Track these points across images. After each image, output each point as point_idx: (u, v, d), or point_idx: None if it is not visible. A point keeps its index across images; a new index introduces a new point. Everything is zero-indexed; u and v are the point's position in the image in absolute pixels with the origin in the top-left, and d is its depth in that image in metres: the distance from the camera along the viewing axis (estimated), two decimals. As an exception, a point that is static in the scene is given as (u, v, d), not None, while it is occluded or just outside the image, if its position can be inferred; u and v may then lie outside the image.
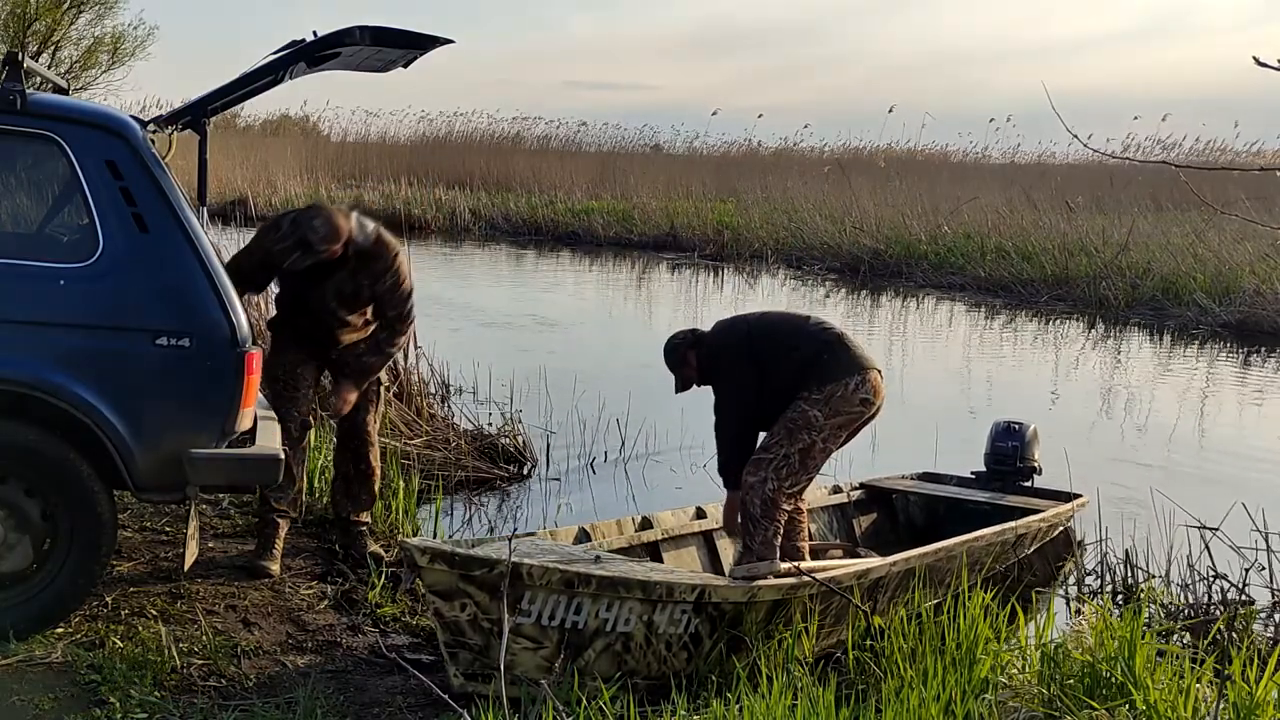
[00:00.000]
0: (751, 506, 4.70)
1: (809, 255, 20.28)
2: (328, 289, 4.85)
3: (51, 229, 4.53)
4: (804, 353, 4.82)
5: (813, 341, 4.87)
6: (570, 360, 10.29)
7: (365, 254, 4.82)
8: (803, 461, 4.72)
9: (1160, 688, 3.62)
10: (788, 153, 31.75)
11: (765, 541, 4.65)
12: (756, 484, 4.69)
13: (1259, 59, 2.77)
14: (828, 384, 4.73)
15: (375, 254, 4.85)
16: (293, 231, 4.67)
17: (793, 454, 4.70)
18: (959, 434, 7.75)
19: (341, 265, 4.80)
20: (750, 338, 4.93)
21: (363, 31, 4.35)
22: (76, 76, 31.10)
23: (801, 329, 4.96)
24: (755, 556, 4.57)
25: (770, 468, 4.69)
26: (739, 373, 4.85)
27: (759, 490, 4.68)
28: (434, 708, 3.73)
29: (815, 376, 4.75)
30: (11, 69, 4.00)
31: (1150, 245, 17.16)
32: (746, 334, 4.96)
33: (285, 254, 4.67)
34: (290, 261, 4.67)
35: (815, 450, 4.74)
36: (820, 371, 4.76)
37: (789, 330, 4.97)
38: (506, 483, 7.09)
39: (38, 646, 3.94)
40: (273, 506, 4.95)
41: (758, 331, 4.97)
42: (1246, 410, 10.55)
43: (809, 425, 4.71)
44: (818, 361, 4.79)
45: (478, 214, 24.90)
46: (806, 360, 4.79)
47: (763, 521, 4.67)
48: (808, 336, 4.90)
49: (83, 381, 3.91)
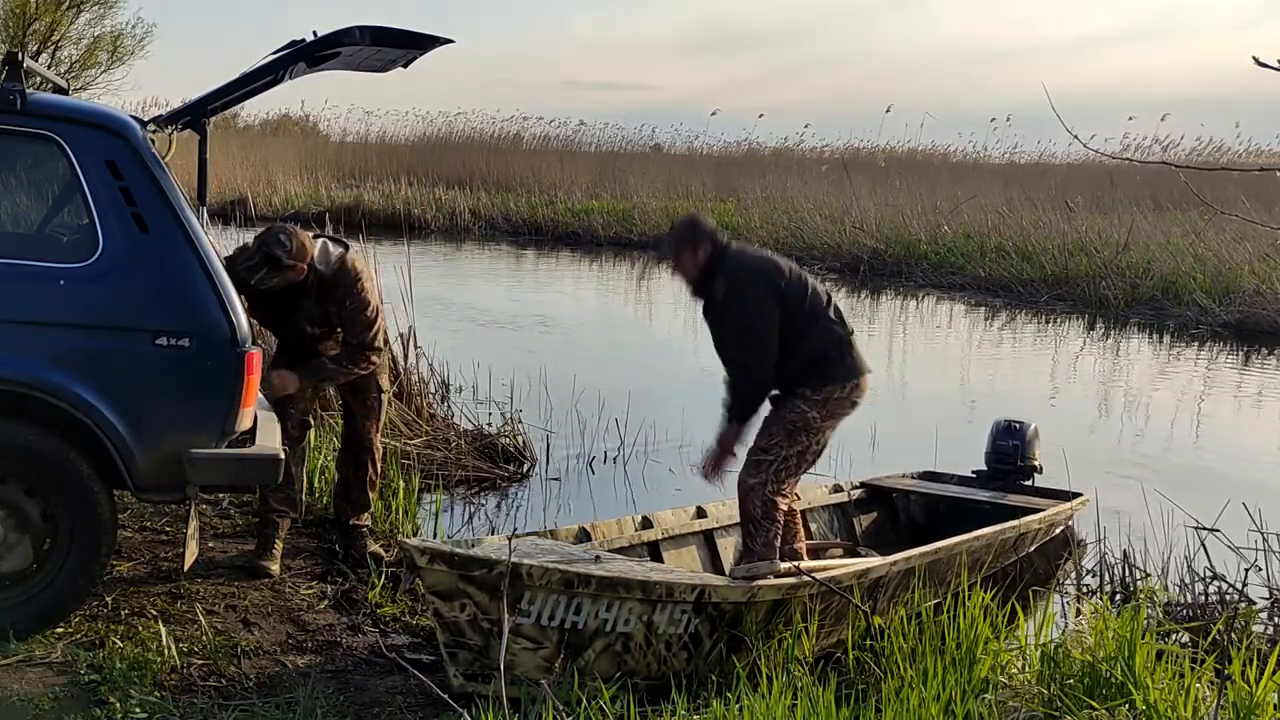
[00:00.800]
0: (752, 508, 4.69)
1: (809, 255, 20.24)
2: (299, 317, 4.94)
3: (51, 229, 4.53)
4: (816, 342, 4.70)
5: (827, 334, 4.73)
6: (570, 360, 10.29)
7: (327, 280, 4.85)
8: (799, 463, 4.73)
9: (1160, 688, 3.62)
10: (787, 153, 31.74)
11: (767, 543, 4.64)
12: (757, 486, 4.67)
13: (1259, 59, 2.77)
14: (828, 385, 4.70)
15: (337, 280, 4.87)
16: (258, 249, 4.70)
17: (791, 456, 4.69)
18: (959, 433, 7.75)
19: (306, 293, 4.85)
20: (787, 281, 4.68)
21: (362, 31, 4.35)
22: (76, 76, 31.08)
23: (822, 312, 4.76)
24: (756, 557, 4.57)
25: (770, 470, 4.68)
26: (767, 309, 4.61)
27: (759, 492, 4.67)
28: (434, 708, 3.73)
29: (818, 374, 4.70)
30: (11, 69, 4.00)
31: (1150, 245, 17.16)
32: (782, 275, 4.69)
33: (253, 272, 4.69)
34: (258, 279, 4.68)
35: (810, 451, 4.73)
36: (824, 370, 4.71)
37: (813, 305, 4.74)
38: (506, 482, 7.09)
39: (38, 646, 3.94)
40: (272, 506, 4.96)
41: (794, 282, 4.71)
42: (1245, 410, 10.55)
43: (807, 428, 4.69)
44: (825, 359, 4.71)
45: (477, 214, 24.90)
46: (815, 351, 4.69)
47: (764, 523, 4.66)
48: (825, 325, 4.74)
49: (83, 381, 3.91)
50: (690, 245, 4.70)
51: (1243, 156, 27.75)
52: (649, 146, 34.50)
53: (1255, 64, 2.77)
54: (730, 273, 4.67)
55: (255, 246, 4.74)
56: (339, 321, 4.95)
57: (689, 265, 4.72)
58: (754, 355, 4.68)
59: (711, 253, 4.69)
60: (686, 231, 4.76)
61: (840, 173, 23.26)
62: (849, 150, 30.92)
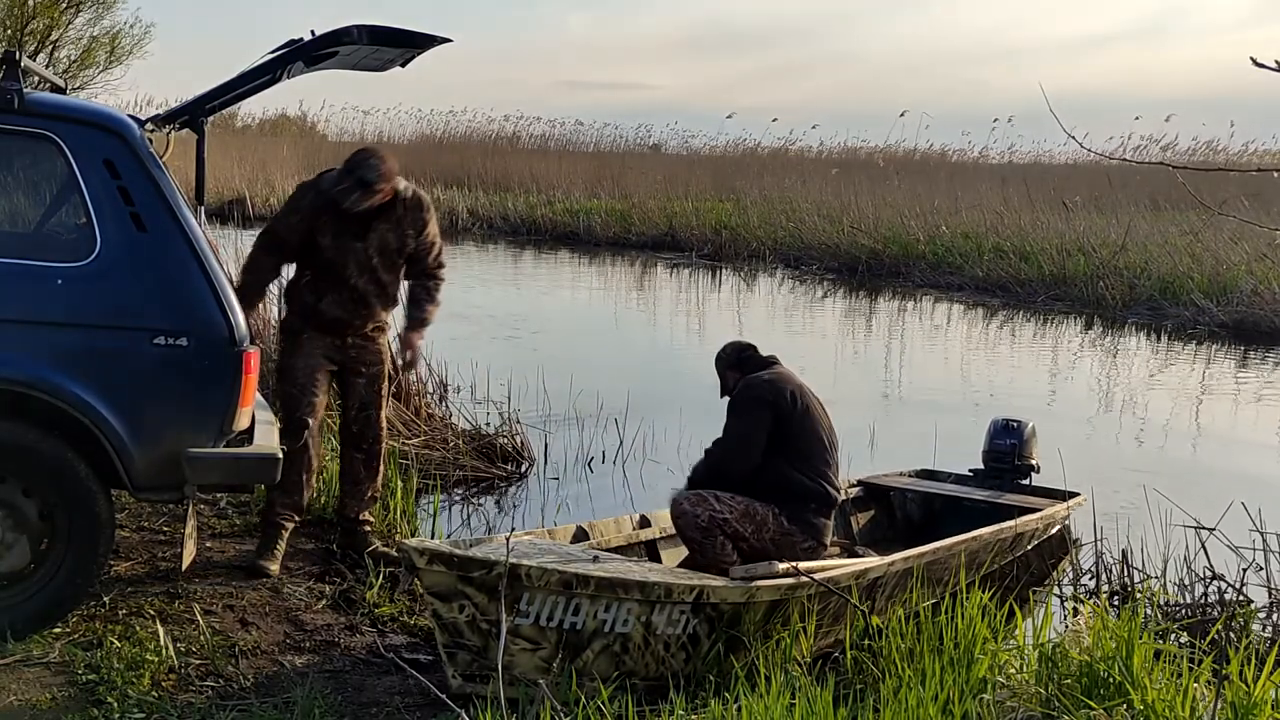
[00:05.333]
0: (688, 530, 4.75)
1: (807, 255, 20.29)
2: (371, 242, 4.93)
3: (49, 228, 4.52)
4: (803, 483, 4.80)
5: (820, 480, 4.84)
6: (568, 360, 10.28)
7: (408, 203, 4.99)
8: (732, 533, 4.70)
9: (1158, 688, 3.62)
10: (785, 152, 31.72)
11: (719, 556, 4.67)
12: (690, 514, 4.71)
13: (1256, 60, 2.77)
14: (794, 525, 4.75)
15: (419, 204, 5.04)
16: (348, 171, 4.76)
17: (731, 523, 4.68)
18: (956, 432, 7.75)
19: (386, 216, 4.92)
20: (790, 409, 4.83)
21: (360, 31, 4.34)
22: (74, 75, 31.07)
23: (820, 455, 4.87)
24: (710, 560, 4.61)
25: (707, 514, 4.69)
26: (753, 429, 4.80)
27: (690, 519, 4.71)
28: (432, 708, 3.73)
29: (794, 514, 4.76)
30: (9, 68, 3.99)
31: (1148, 245, 17.16)
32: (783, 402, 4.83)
33: (345, 195, 4.74)
34: (351, 201, 4.75)
35: (741, 539, 4.71)
36: (798, 513, 4.76)
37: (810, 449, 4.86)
38: (504, 482, 7.09)
39: (35, 646, 3.93)
40: (277, 510, 4.94)
41: (801, 419, 4.84)
42: (1243, 409, 10.55)
43: (761, 526, 4.72)
44: (806, 508, 4.79)
45: (476, 214, 24.91)
46: (799, 490, 4.79)
47: (706, 541, 4.69)
48: (817, 472, 4.84)
49: (80, 381, 3.91)
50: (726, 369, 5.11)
51: (1240, 156, 27.76)
52: (647, 146, 34.51)
53: (1253, 65, 2.77)
54: (740, 387, 4.96)
55: (344, 169, 4.80)
56: (414, 246, 5.04)
57: (727, 384, 5.08)
58: (729, 445, 4.87)
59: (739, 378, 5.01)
60: (721, 362, 5.14)
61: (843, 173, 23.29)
62: (847, 150, 30.95)
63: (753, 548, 4.68)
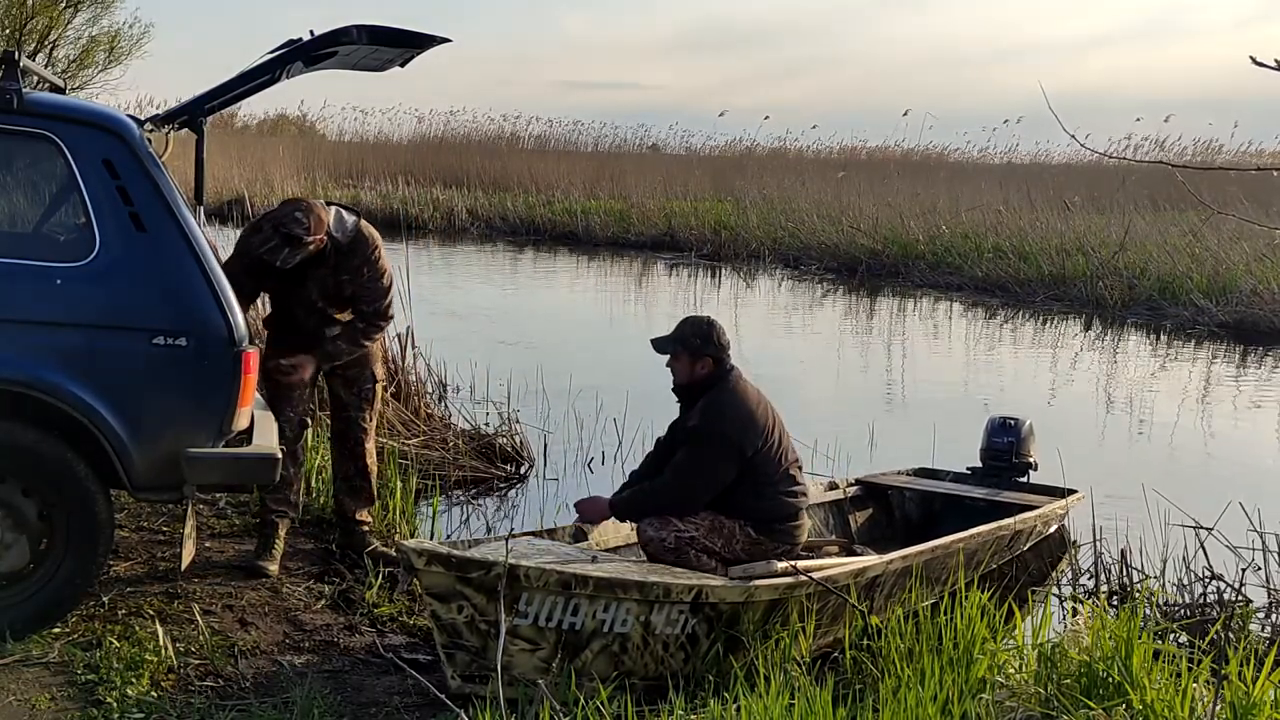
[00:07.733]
0: (659, 553, 4.51)
1: (806, 255, 20.28)
2: (310, 288, 4.90)
3: (48, 228, 4.52)
4: (769, 506, 4.56)
5: (785, 497, 4.59)
6: (568, 360, 10.28)
7: (344, 250, 4.87)
8: (701, 547, 4.50)
9: (1157, 687, 3.62)
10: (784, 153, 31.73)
11: None
12: (655, 538, 4.49)
13: (1256, 59, 2.77)
14: (761, 533, 4.54)
15: (353, 249, 4.90)
16: (275, 229, 4.68)
17: (699, 540, 4.48)
18: (955, 430, 7.75)
19: (322, 263, 4.84)
20: (756, 450, 4.49)
21: (359, 31, 4.33)
22: (73, 75, 31.07)
23: (783, 478, 4.59)
24: None
25: (674, 535, 4.48)
26: (718, 475, 4.47)
27: (657, 544, 4.49)
28: (431, 708, 3.73)
29: (758, 523, 4.54)
30: (8, 68, 3.99)
31: (1147, 245, 17.16)
32: (756, 437, 4.49)
33: (274, 252, 4.68)
34: (281, 259, 4.68)
35: (710, 553, 4.49)
36: (765, 525, 4.55)
37: (775, 472, 4.57)
38: (504, 482, 7.09)
39: (35, 646, 3.93)
40: (270, 507, 4.95)
41: (766, 452, 4.52)
42: (1242, 409, 10.55)
43: (729, 539, 4.53)
44: (771, 526, 4.56)
45: (475, 214, 24.90)
46: (765, 513, 4.56)
47: (680, 562, 4.46)
48: (784, 491, 4.58)
49: (80, 381, 3.91)
50: (692, 354, 4.60)
51: (1240, 156, 27.78)
52: (646, 146, 34.52)
53: (1253, 64, 2.77)
54: (708, 408, 4.53)
55: (271, 227, 4.71)
56: (353, 290, 4.94)
57: (683, 371, 4.63)
58: (684, 492, 4.52)
59: (710, 374, 4.60)
60: (694, 338, 4.61)
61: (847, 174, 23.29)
62: (846, 150, 30.97)
63: (724, 560, 4.49)
